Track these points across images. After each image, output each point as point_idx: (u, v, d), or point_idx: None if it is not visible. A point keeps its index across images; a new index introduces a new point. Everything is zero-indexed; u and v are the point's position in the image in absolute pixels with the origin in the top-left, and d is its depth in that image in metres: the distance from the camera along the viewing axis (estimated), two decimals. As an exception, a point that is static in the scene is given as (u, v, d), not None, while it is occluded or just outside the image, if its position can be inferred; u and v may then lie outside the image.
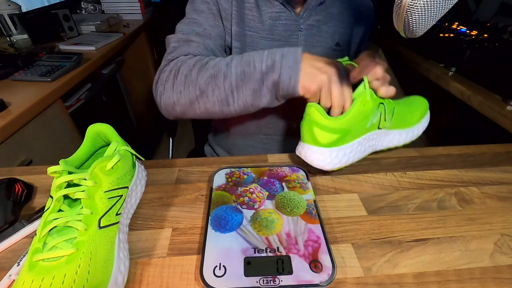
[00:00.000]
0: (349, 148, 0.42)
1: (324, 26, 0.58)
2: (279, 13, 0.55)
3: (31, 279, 0.24)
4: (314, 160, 0.41)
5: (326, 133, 0.40)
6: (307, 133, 0.41)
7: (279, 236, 0.33)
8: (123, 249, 0.30)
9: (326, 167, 0.41)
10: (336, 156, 0.41)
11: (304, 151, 0.42)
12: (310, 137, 0.41)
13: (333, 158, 0.41)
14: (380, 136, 0.45)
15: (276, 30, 0.55)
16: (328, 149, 0.40)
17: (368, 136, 0.43)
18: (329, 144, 0.40)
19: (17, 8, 1.12)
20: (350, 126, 0.40)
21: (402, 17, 0.28)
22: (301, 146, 0.43)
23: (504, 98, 0.66)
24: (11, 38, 1.11)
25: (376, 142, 0.45)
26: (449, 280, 0.30)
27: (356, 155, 0.43)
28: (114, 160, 0.32)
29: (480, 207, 0.39)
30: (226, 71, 0.43)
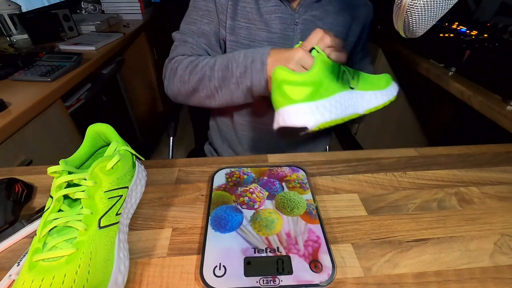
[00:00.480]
0: (328, 102, 0.40)
1: (319, 22, 0.58)
2: (275, 7, 0.56)
3: (31, 279, 0.24)
4: (295, 120, 0.38)
5: (298, 88, 0.38)
6: (278, 96, 0.39)
7: (279, 236, 0.33)
8: (123, 249, 0.30)
9: (310, 123, 0.38)
10: (317, 110, 0.38)
11: (282, 116, 0.39)
12: (282, 98, 0.39)
13: (314, 112, 0.38)
14: (357, 98, 0.44)
15: (272, 23, 0.56)
16: (305, 103, 0.38)
17: (344, 95, 0.42)
18: (304, 98, 0.38)
19: (17, 8, 1.12)
20: (320, 78, 0.39)
21: (402, 17, 0.28)
22: (277, 114, 0.40)
23: (504, 98, 0.66)
24: (11, 38, 1.11)
25: (355, 103, 0.44)
26: (449, 280, 0.30)
27: (338, 112, 0.41)
28: (114, 160, 0.32)
29: (480, 207, 0.39)
30: (210, 75, 0.51)
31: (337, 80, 0.41)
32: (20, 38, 1.12)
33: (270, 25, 0.56)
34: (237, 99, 0.51)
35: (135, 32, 1.42)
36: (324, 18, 0.58)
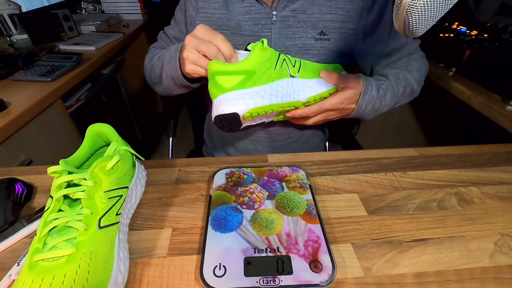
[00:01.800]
0: (261, 89, 0.40)
1: (302, 15, 0.53)
2: (248, 7, 0.53)
3: (31, 279, 0.24)
4: (225, 107, 0.38)
5: (229, 77, 0.39)
6: (213, 87, 0.40)
7: (279, 236, 0.33)
8: (123, 249, 0.30)
9: (238, 109, 0.38)
10: (248, 96, 0.39)
11: (215, 106, 0.40)
12: (216, 88, 0.39)
13: (244, 98, 0.39)
14: (299, 85, 0.44)
15: (244, 26, 0.54)
16: (236, 91, 0.39)
17: (282, 83, 0.42)
18: (235, 86, 0.39)
19: (17, 8, 1.12)
20: (254, 67, 0.40)
21: (402, 17, 0.28)
22: (213, 105, 0.41)
23: (504, 98, 0.66)
24: (11, 38, 1.11)
25: (297, 91, 0.44)
26: (449, 280, 0.30)
27: (273, 98, 0.41)
28: (114, 160, 0.32)
29: (480, 207, 0.39)
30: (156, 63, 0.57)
31: (274, 68, 0.41)
32: (20, 38, 1.12)
33: (242, 27, 0.54)
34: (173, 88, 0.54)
35: (135, 32, 1.42)
36: (307, 9, 0.52)
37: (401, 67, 0.56)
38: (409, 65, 0.56)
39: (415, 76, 0.55)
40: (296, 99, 0.44)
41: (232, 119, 0.39)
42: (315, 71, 0.47)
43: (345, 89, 0.47)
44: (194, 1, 0.56)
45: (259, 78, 0.40)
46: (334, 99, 0.47)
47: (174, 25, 0.64)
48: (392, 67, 0.57)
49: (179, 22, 0.62)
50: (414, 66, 0.56)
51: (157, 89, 0.61)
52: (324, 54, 0.55)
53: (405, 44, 0.58)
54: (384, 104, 0.51)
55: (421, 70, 0.58)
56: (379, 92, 0.50)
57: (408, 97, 0.56)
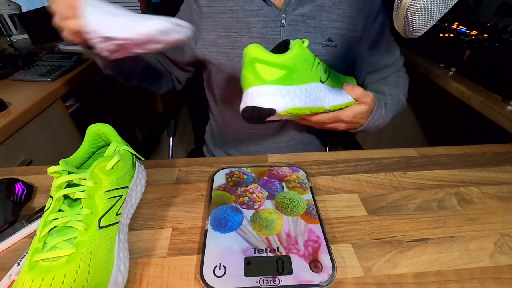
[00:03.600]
0: (298, 90, 0.38)
1: (311, 20, 0.53)
2: (258, 11, 0.53)
3: (31, 279, 0.24)
4: (264, 100, 0.35)
5: (271, 68, 0.36)
6: (250, 73, 0.36)
7: (279, 236, 0.33)
8: (123, 249, 0.30)
9: (279, 106, 0.36)
10: (287, 94, 0.36)
11: (250, 95, 0.36)
12: (254, 76, 0.36)
13: (284, 96, 0.36)
14: (326, 92, 0.43)
15: (253, 28, 0.54)
16: (277, 86, 0.36)
17: (314, 86, 0.41)
18: (276, 80, 0.36)
19: (17, 8, 1.12)
20: (295, 65, 0.38)
21: (402, 17, 0.28)
22: (245, 93, 0.37)
23: (504, 98, 0.66)
24: (11, 38, 1.11)
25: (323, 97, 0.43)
26: (449, 280, 0.30)
27: (307, 101, 0.39)
28: (114, 160, 0.32)
29: (480, 207, 0.39)
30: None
31: (310, 70, 0.40)
32: (20, 38, 1.12)
33: (251, 29, 0.54)
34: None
35: (135, 32, 1.42)
36: (317, 15, 0.53)
37: (391, 84, 0.60)
38: (397, 82, 0.62)
39: (403, 92, 0.61)
40: (321, 105, 0.42)
41: (266, 114, 0.36)
42: (338, 80, 0.47)
43: (361, 104, 0.48)
44: (197, 7, 0.56)
45: (297, 78, 0.38)
46: (350, 112, 0.47)
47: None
48: (385, 84, 0.61)
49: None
50: (401, 83, 0.62)
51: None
52: (330, 60, 0.56)
53: (396, 61, 0.63)
54: (385, 121, 0.54)
55: (406, 86, 0.63)
56: (386, 110, 0.53)
57: (399, 110, 0.61)
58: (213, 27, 0.55)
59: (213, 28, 0.55)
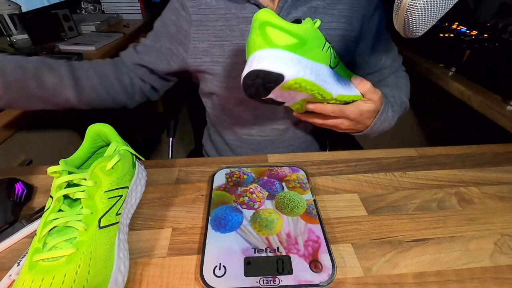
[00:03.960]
0: (310, 63, 0.35)
1: None
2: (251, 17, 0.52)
3: (31, 279, 0.24)
4: (273, 63, 0.31)
5: (283, 34, 0.33)
6: (258, 37, 0.33)
7: (279, 236, 0.33)
8: (123, 249, 0.30)
9: (288, 71, 0.31)
10: (299, 63, 0.33)
11: (258, 58, 0.32)
12: (263, 40, 0.32)
13: (295, 63, 0.32)
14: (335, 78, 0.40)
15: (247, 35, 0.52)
16: (289, 52, 0.33)
17: (324, 68, 0.38)
18: (288, 47, 0.33)
19: (17, 8, 1.12)
20: (307, 37, 0.35)
21: (402, 17, 0.28)
22: (251, 58, 0.33)
23: (504, 98, 0.66)
24: (11, 38, 1.11)
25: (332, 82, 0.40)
26: (449, 280, 0.30)
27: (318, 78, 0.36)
28: (114, 160, 0.32)
29: (480, 207, 0.39)
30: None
31: (321, 50, 0.37)
32: (20, 38, 1.12)
33: (245, 36, 0.52)
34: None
35: (135, 32, 1.42)
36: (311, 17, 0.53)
37: (392, 86, 0.58)
38: (398, 82, 0.59)
39: (405, 93, 0.59)
40: (330, 90, 0.39)
41: (272, 80, 0.32)
42: (346, 72, 0.44)
43: (368, 101, 0.45)
44: (186, 15, 0.53)
45: (309, 51, 0.35)
46: (356, 108, 0.45)
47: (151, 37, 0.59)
48: (385, 85, 0.58)
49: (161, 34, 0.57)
50: (402, 84, 0.60)
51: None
52: None
53: (394, 60, 0.61)
54: (390, 125, 0.52)
55: (407, 86, 0.61)
56: (393, 113, 0.50)
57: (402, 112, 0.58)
58: (205, 35, 0.53)
59: (204, 37, 0.53)
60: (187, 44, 0.55)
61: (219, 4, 0.52)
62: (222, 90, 0.58)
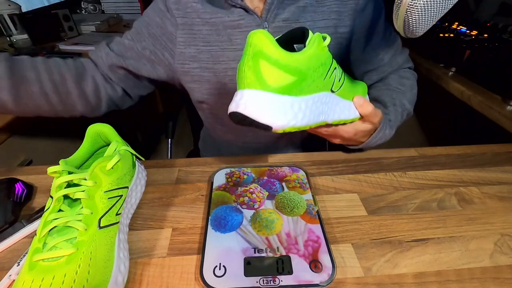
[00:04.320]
0: (304, 102, 0.30)
1: (295, 24, 0.50)
2: (238, 21, 0.49)
3: (31, 279, 0.24)
4: (260, 114, 0.27)
5: (279, 71, 0.28)
6: (249, 71, 0.28)
7: (279, 236, 0.33)
8: (123, 249, 0.30)
9: (276, 123, 0.28)
10: (291, 109, 0.29)
11: (244, 101, 0.28)
12: (254, 76, 0.28)
13: (287, 111, 0.28)
14: (332, 104, 0.36)
15: (235, 39, 0.50)
16: (281, 96, 0.28)
17: (322, 97, 0.33)
18: (282, 89, 0.28)
19: (17, 8, 1.12)
20: (308, 70, 0.29)
21: (402, 17, 0.28)
22: (240, 94, 0.28)
23: (504, 98, 0.66)
24: (11, 38, 1.11)
25: (329, 110, 0.35)
26: (449, 280, 0.30)
27: (311, 117, 0.31)
28: (114, 160, 0.32)
29: (480, 207, 0.39)
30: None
31: (324, 78, 0.32)
32: (20, 38, 1.12)
33: (233, 41, 0.50)
34: None
35: (135, 32, 1.42)
36: (300, 17, 0.49)
37: (395, 89, 0.54)
38: (402, 85, 0.54)
39: (409, 97, 0.54)
40: (324, 119, 0.35)
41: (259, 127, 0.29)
42: (350, 90, 0.39)
43: (366, 122, 0.42)
44: (171, 17, 0.51)
45: (307, 86, 0.30)
46: (352, 128, 0.42)
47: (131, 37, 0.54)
48: (387, 89, 0.54)
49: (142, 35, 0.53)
50: (407, 86, 0.55)
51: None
52: None
53: (395, 56, 0.57)
54: (385, 140, 0.48)
55: (412, 88, 0.56)
56: (390, 129, 0.47)
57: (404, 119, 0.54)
58: (192, 40, 0.51)
59: (191, 41, 0.51)
60: (173, 48, 0.52)
61: (205, 8, 0.50)
62: (212, 98, 0.55)
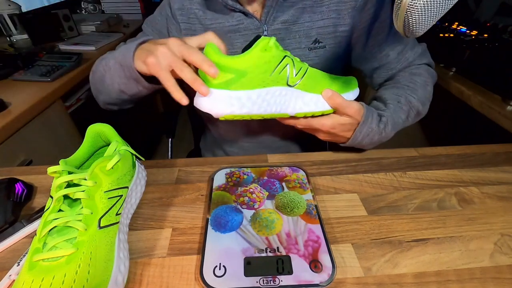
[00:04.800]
0: (246, 96, 0.37)
1: (293, 26, 0.50)
2: (237, 25, 0.51)
3: (31, 279, 0.24)
4: (202, 104, 0.37)
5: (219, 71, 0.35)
6: (201, 73, 0.37)
7: (279, 236, 0.33)
8: (123, 249, 0.30)
9: (214, 111, 0.37)
10: (229, 100, 0.36)
11: (196, 97, 0.38)
12: (202, 76, 0.37)
13: (225, 101, 0.36)
14: (292, 97, 0.39)
15: (236, 43, 0.52)
16: (218, 90, 0.36)
17: (274, 91, 0.38)
18: (220, 85, 0.36)
19: (17, 8, 1.12)
20: (247, 68, 0.36)
21: (402, 17, 0.28)
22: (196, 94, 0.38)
23: (504, 98, 0.66)
24: (11, 38, 1.11)
25: (287, 102, 0.39)
26: (449, 280, 0.30)
27: (254, 108, 0.38)
28: (114, 160, 0.32)
29: (480, 207, 0.39)
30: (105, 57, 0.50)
31: (270, 74, 0.37)
32: (20, 38, 1.12)
33: (234, 45, 0.52)
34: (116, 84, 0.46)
35: (135, 32, 1.42)
36: (299, 19, 0.50)
37: (403, 86, 0.50)
38: (412, 82, 0.50)
39: (420, 95, 0.49)
40: (283, 111, 0.40)
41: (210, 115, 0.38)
42: (320, 83, 0.40)
43: (342, 115, 0.42)
44: (175, 23, 0.53)
45: (249, 82, 0.36)
46: (326, 120, 0.42)
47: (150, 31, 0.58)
48: (394, 86, 0.51)
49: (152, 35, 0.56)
50: (418, 83, 0.50)
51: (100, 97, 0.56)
52: (320, 63, 0.54)
53: (404, 51, 0.53)
54: (385, 136, 0.45)
55: (426, 85, 0.51)
56: (379, 125, 0.43)
57: (413, 120, 0.51)
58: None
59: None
60: None
61: (206, 15, 0.52)
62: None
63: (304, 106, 0.40)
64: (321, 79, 0.41)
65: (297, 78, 0.39)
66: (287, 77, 0.38)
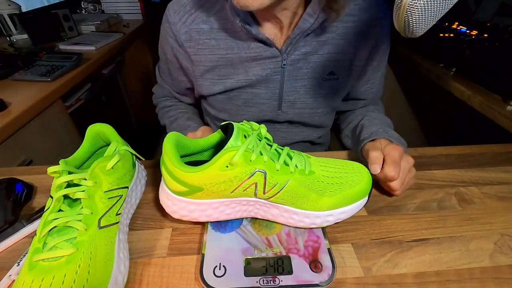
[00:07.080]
0: (205, 205, 0.32)
1: (312, 56, 0.50)
2: (256, 54, 0.49)
3: (31, 279, 0.24)
4: (162, 201, 0.35)
5: (173, 181, 0.31)
6: (162, 166, 0.33)
7: (279, 236, 0.33)
8: (123, 249, 0.30)
9: (173, 214, 0.34)
10: (186, 206, 0.33)
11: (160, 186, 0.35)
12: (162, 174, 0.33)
13: (181, 206, 0.33)
14: (264, 206, 0.34)
15: (252, 71, 0.50)
16: (177, 197, 0.32)
17: (239, 201, 0.33)
18: (177, 193, 0.32)
19: (17, 8, 1.12)
20: (202, 186, 0.30)
21: (402, 17, 0.28)
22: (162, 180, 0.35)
23: (504, 98, 0.66)
24: (11, 38, 1.11)
25: (259, 211, 0.34)
26: (449, 280, 0.30)
27: (219, 216, 0.33)
28: (114, 160, 0.32)
29: (480, 207, 0.39)
30: (169, 126, 0.65)
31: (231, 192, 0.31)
32: (20, 38, 1.12)
33: (249, 72, 0.50)
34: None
35: (135, 32, 1.42)
36: (318, 50, 0.49)
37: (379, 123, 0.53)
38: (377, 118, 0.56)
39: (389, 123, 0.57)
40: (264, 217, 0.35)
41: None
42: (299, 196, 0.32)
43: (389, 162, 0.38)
44: (184, 53, 0.52)
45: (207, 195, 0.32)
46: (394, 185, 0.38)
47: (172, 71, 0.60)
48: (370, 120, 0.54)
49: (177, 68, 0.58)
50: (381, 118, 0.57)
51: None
52: (331, 93, 0.55)
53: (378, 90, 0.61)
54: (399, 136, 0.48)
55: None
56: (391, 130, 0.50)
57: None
58: (207, 75, 0.53)
59: (208, 76, 0.53)
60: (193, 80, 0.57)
61: (220, 44, 0.49)
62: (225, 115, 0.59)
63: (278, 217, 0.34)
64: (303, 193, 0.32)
65: (269, 195, 0.32)
66: (255, 192, 0.32)
